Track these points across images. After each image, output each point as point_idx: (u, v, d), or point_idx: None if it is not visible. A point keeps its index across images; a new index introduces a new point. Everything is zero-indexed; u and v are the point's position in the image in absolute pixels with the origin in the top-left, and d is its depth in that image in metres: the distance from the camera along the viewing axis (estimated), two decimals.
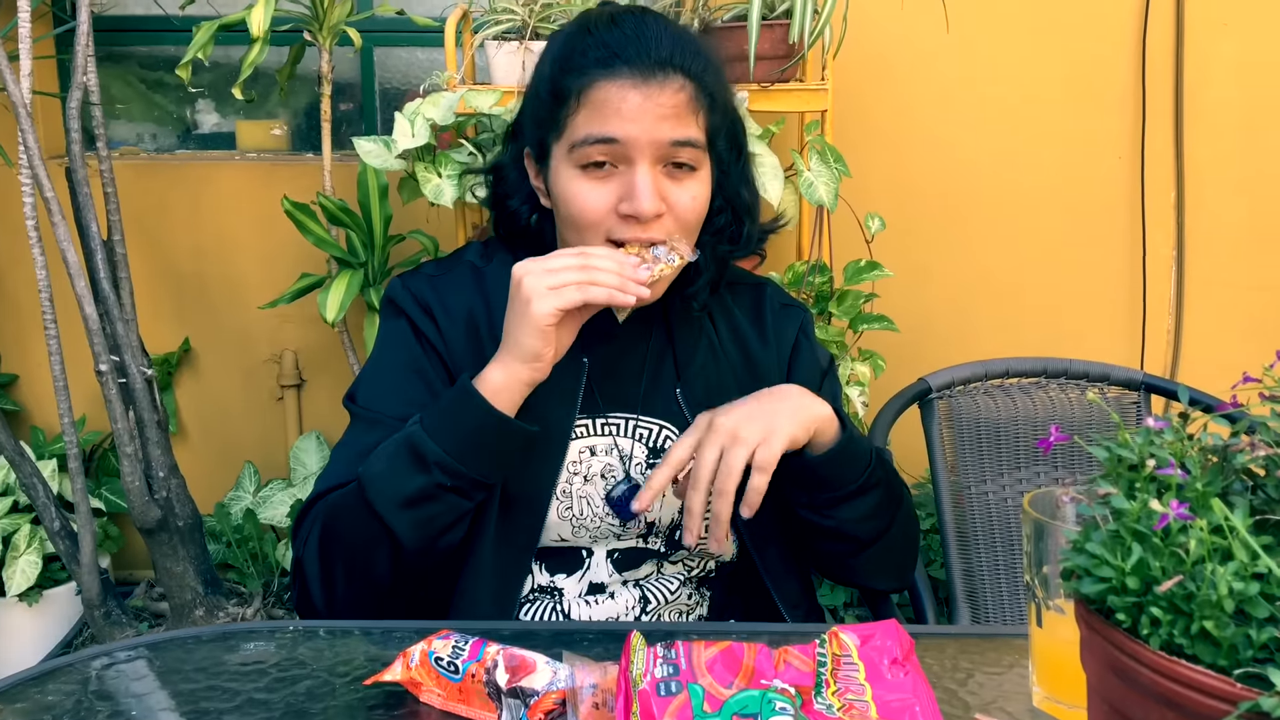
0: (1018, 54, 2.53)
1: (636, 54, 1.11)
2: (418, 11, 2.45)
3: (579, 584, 1.23)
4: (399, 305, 1.24)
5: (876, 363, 2.20)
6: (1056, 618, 0.79)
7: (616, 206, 1.12)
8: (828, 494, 1.17)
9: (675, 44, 1.14)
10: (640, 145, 1.10)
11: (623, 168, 1.12)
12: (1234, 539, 0.54)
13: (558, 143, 1.15)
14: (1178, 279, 2.62)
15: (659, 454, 1.24)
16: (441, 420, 1.09)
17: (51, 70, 2.64)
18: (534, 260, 1.08)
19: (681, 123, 1.12)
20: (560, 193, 1.15)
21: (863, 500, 1.18)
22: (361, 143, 2.04)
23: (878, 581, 1.31)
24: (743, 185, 1.25)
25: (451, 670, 0.87)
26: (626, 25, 1.14)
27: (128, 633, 2.30)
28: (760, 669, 0.81)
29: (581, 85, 1.12)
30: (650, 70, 1.11)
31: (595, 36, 1.14)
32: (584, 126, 1.12)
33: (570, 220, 1.15)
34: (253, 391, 2.71)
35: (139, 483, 2.20)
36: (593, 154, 1.12)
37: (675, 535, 1.24)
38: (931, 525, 2.49)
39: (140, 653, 0.95)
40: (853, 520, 1.19)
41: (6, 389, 2.69)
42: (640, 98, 1.10)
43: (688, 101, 1.12)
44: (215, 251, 2.64)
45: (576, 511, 1.21)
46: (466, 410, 1.09)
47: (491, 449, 1.10)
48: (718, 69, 1.19)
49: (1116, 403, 1.62)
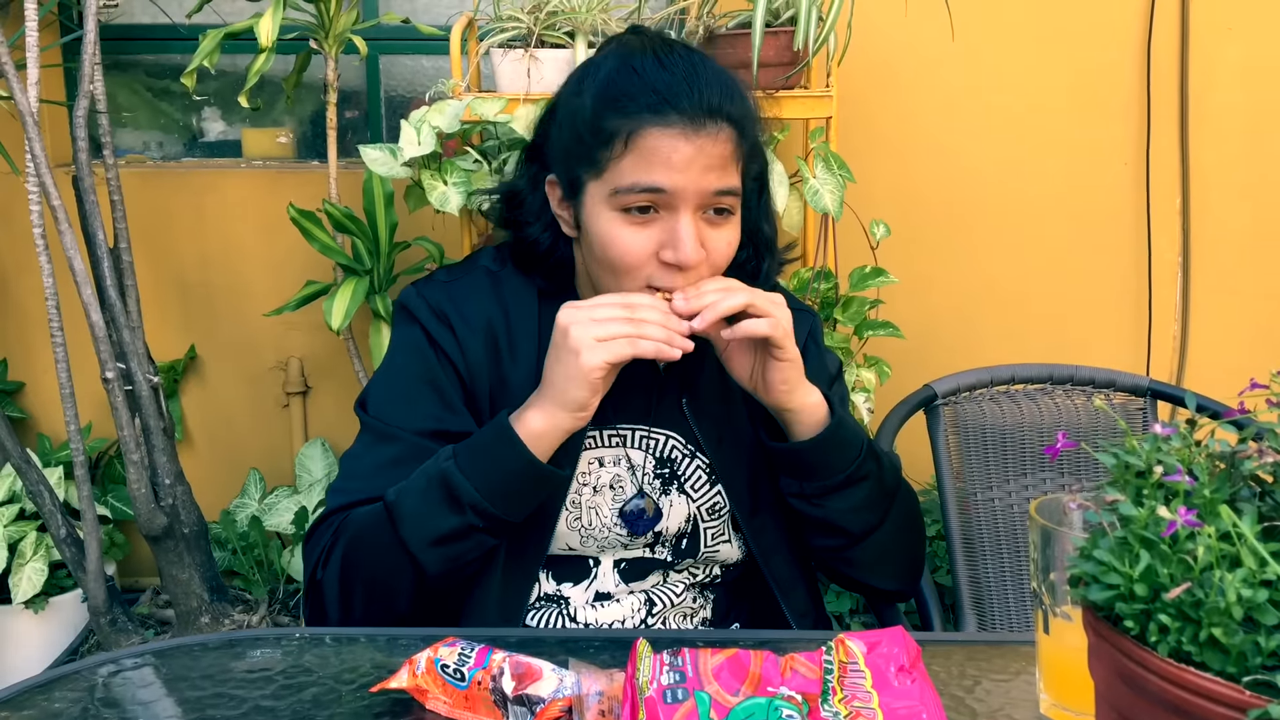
0: (1022, 60, 2.53)
1: (689, 103, 1.10)
2: (423, 20, 2.46)
3: (585, 592, 1.23)
4: (413, 313, 1.22)
5: (882, 369, 2.20)
6: (1064, 625, 0.79)
7: (658, 253, 1.11)
8: (817, 482, 1.17)
9: (724, 91, 1.13)
10: (687, 196, 1.10)
11: (664, 213, 1.11)
12: (1242, 546, 0.54)
13: (596, 182, 1.14)
14: (1183, 285, 2.61)
15: (666, 463, 1.24)
16: (478, 461, 1.09)
17: (58, 79, 2.65)
18: (579, 307, 1.07)
19: (726, 173, 1.12)
20: (599, 234, 1.13)
21: (853, 491, 1.18)
22: (367, 150, 2.05)
23: (877, 580, 1.29)
24: (764, 220, 1.25)
25: (457, 677, 0.87)
26: (676, 68, 1.12)
27: (133, 640, 2.30)
28: (767, 676, 0.81)
29: (631, 130, 1.10)
30: (701, 120, 1.10)
31: (643, 79, 1.12)
32: (631, 174, 1.10)
33: (609, 264, 1.14)
34: (258, 398, 2.72)
35: (145, 490, 2.20)
36: (638, 201, 1.11)
37: (682, 544, 1.24)
38: (937, 532, 2.49)
39: (147, 660, 0.95)
40: (843, 511, 1.19)
41: (13, 396, 2.70)
42: (691, 149, 1.09)
43: (733, 151, 1.13)
44: (221, 259, 2.65)
45: (585, 522, 1.21)
46: (506, 455, 1.08)
47: (527, 494, 1.11)
48: (756, 113, 1.18)
49: (1123, 409, 1.62)
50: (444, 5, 2.70)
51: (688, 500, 1.24)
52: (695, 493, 1.25)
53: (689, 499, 1.24)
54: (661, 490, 1.24)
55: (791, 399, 1.14)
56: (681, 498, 1.24)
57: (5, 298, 2.68)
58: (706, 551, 1.24)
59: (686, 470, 1.25)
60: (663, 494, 1.24)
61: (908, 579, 1.33)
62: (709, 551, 1.24)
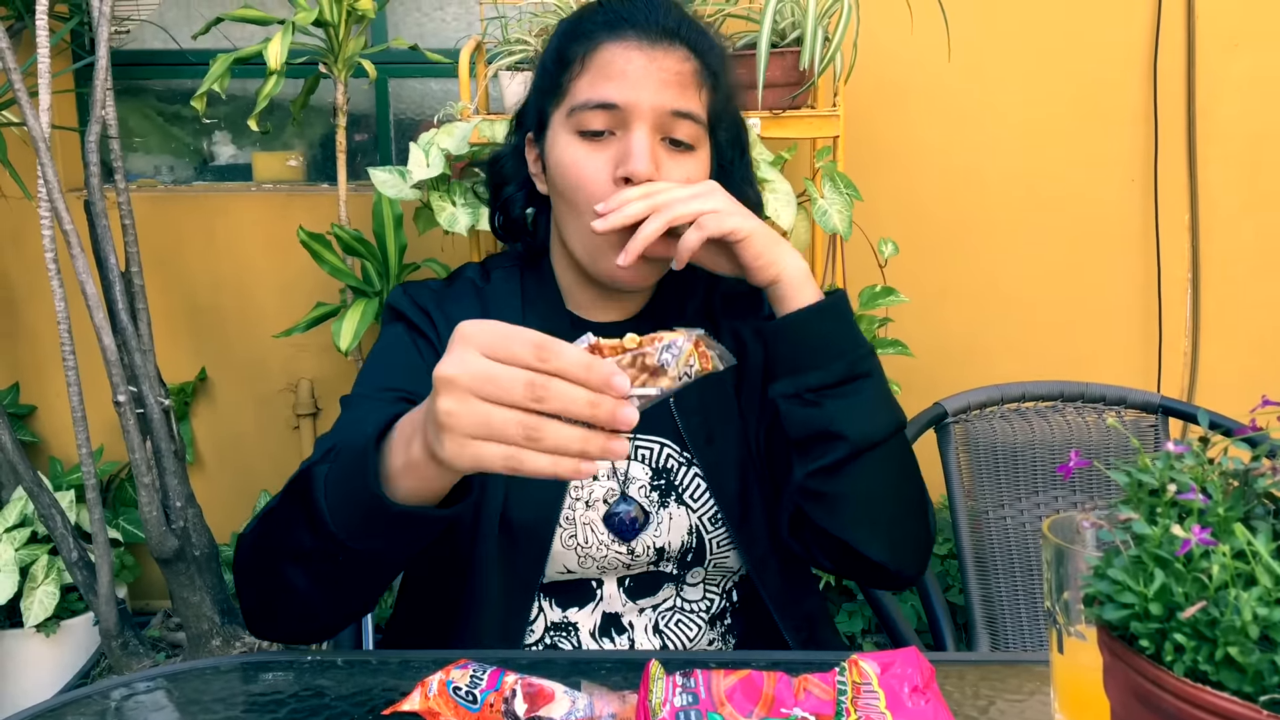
0: (1029, 77, 2.54)
1: (645, 19, 1.11)
2: (431, 43, 2.48)
3: (592, 616, 1.18)
4: (397, 309, 1.22)
5: (891, 387, 2.19)
6: (1078, 644, 0.78)
7: (613, 176, 1.09)
8: (817, 371, 1.07)
9: (684, 18, 1.14)
10: (640, 110, 1.09)
11: (621, 134, 1.10)
12: (1257, 564, 0.54)
13: (557, 110, 1.14)
14: (1193, 300, 2.61)
15: (663, 474, 1.19)
16: (339, 483, 0.88)
17: (70, 104, 2.67)
18: (470, 376, 0.74)
19: (684, 93, 1.10)
20: (558, 162, 1.12)
21: (855, 388, 1.08)
22: (376, 173, 2.06)
23: (866, 541, 1.10)
24: (747, 186, 1.22)
25: (470, 700, 0.87)
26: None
27: (145, 663, 2.30)
28: (780, 698, 0.81)
29: (587, 49, 1.12)
30: (657, 36, 1.10)
31: (604, 6, 1.15)
32: (585, 90, 1.10)
33: (567, 192, 1.12)
34: (268, 420, 2.72)
35: (156, 512, 2.21)
36: (593, 120, 1.10)
37: (687, 558, 1.18)
38: (949, 550, 2.48)
39: (159, 683, 0.95)
40: (843, 410, 1.07)
41: (25, 420, 2.71)
42: (644, 59, 1.09)
43: (691, 74, 1.11)
44: (231, 282, 2.66)
45: (581, 540, 1.15)
46: (358, 487, 0.85)
47: (383, 532, 0.87)
48: (723, 55, 1.17)
49: (1134, 425, 1.62)
50: (452, 29, 2.73)
51: (688, 512, 1.18)
52: (695, 503, 1.19)
53: (689, 510, 1.18)
54: (660, 503, 1.18)
55: (774, 268, 1.09)
56: (681, 509, 1.18)
57: (17, 322, 2.69)
58: (714, 557, 1.20)
59: (683, 480, 1.19)
60: (661, 506, 1.18)
61: (898, 551, 1.12)
62: (717, 557, 1.19)
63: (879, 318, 2.19)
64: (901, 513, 1.14)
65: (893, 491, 1.12)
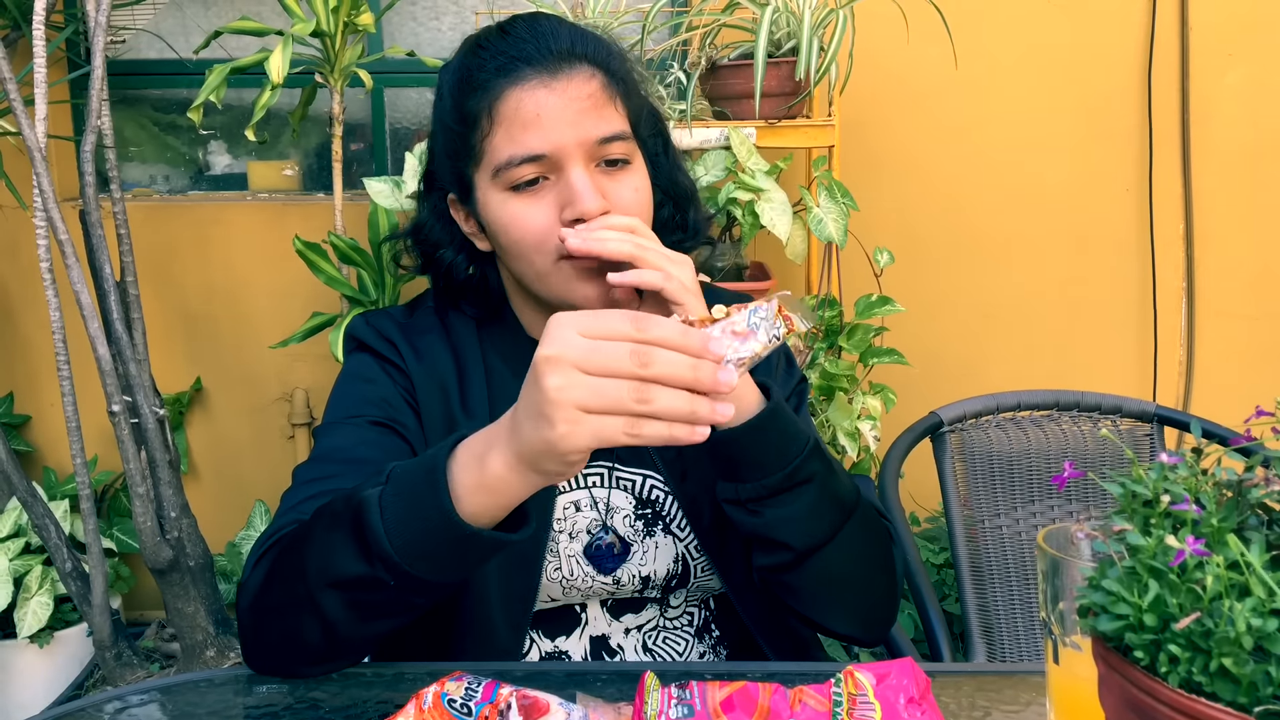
0: (1024, 87, 2.55)
1: (536, 51, 1.05)
2: (428, 53, 2.48)
3: (580, 643, 1.17)
4: (360, 339, 1.18)
5: (887, 396, 2.20)
6: (1074, 655, 0.78)
7: (560, 218, 1.04)
8: (753, 483, 1.01)
9: (573, 34, 1.07)
10: (568, 150, 1.03)
11: (555, 178, 1.05)
12: (1251, 575, 0.54)
13: (478, 171, 1.08)
14: (1188, 310, 2.61)
15: (648, 504, 1.16)
16: (400, 501, 0.86)
17: (66, 114, 2.67)
18: (574, 351, 0.76)
19: (602, 115, 1.05)
20: (495, 221, 1.07)
21: (794, 495, 1.02)
22: (372, 183, 2.06)
23: (827, 619, 1.10)
24: (677, 173, 1.19)
25: (465, 712, 0.86)
26: (518, 28, 1.08)
27: (139, 674, 2.29)
28: (776, 709, 0.81)
29: (489, 101, 1.05)
30: (556, 64, 1.04)
31: (489, 49, 1.07)
32: (505, 147, 1.04)
33: (513, 249, 1.07)
34: (264, 430, 2.72)
35: (150, 523, 2.20)
36: (522, 174, 1.04)
37: (672, 583, 1.16)
38: (945, 560, 2.48)
39: (153, 696, 0.95)
40: (783, 520, 1.02)
41: (19, 429, 2.70)
42: (553, 96, 1.03)
43: (601, 90, 1.06)
44: (227, 291, 2.66)
45: (566, 571, 1.13)
46: (427, 504, 0.84)
47: (452, 558, 0.86)
48: (622, 54, 1.12)
49: (1129, 435, 1.62)
50: (448, 38, 2.73)
51: (674, 540, 1.16)
52: (682, 532, 1.17)
53: (675, 539, 1.16)
54: (645, 532, 1.16)
55: None
56: (668, 538, 1.16)
57: (12, 331, 2.69)
58: (698, 581, 1.18)
59: (670, 509, 1.17)
60: (647, 535, 1.16)
61: (866, 624, 1.12)
62: (700, 580, 1.18)
63: (875, 327, 2.20)
64: (865, 588, 1.11)
65: (852, 573, 1.09)
